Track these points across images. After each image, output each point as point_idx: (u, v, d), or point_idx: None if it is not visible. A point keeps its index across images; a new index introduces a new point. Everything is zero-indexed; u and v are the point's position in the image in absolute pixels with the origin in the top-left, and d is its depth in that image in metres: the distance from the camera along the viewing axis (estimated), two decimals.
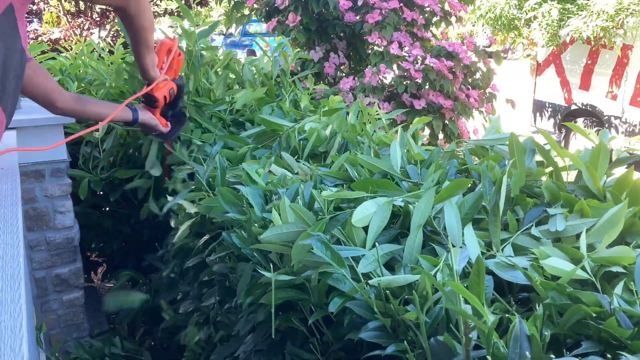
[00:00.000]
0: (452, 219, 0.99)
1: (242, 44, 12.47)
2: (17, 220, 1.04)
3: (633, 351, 0.72)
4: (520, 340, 0.70)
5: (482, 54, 3.34)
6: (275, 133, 1.78)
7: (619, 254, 0.88)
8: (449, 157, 1.38)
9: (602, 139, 1.15)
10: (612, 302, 0.78)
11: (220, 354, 1.38)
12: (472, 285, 0.78)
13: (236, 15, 3.82)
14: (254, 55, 2.60)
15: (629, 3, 5.15)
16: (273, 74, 2.26)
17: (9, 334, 0.71)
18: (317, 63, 3.41)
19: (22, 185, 1.50)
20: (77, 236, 2.23)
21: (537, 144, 1.21)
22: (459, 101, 3.18)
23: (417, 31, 3.38)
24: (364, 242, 1.00)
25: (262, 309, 1.13)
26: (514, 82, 8.79)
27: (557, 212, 1.02)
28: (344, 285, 0.92)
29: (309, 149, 1.62)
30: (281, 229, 1.04)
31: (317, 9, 3.35)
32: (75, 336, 2.26)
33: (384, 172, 1.30)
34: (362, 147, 1.59)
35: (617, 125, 5.84)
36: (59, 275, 2.20)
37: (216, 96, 2.08)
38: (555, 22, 5.80)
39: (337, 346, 1.00)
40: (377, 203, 1.04)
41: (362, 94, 3.17)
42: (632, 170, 1.07)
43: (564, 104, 6.46)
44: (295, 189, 1.23)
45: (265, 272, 1.01)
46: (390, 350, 0.82)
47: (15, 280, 0.83)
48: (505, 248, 0.97)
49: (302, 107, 2.12)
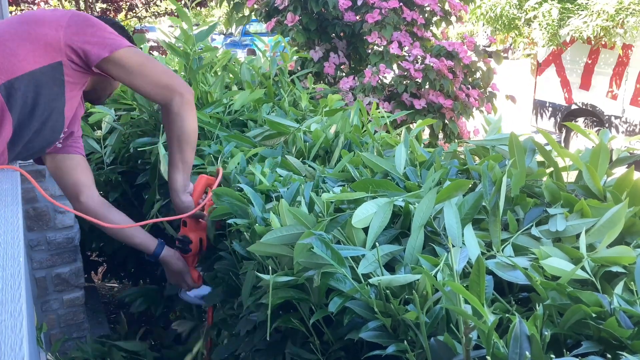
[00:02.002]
0: (452, 219, 0.99)
1: (242, 43, 12.47)
2: (18, 219, 1.04)
3: (633, 351, 0.72)
4: (520, 340, 0.70)
5: (482, 54, 3.34)
6: (280, 134, 1.77)
7: (619, 254, 0.88)
8: (450, 158, 1.38)
9: (602, 139, 1.15)
10: (612, 302, 0.78)
11: (221, 353, 1.38)
12: (472, 285, 0.78)
13: (236, 17, 3.82)
14: (254, 55, 2.60)
15: (629, 3, 5.15)
16: (271, 73, 2.26)
17: (9, 334, 0.71)
18: (317, 63, 3.41)
19: (22, 185, 1.50)
20: (77, 236, 2.23)
21: (537, 143, 1.21)
22: (459, 101, 3.18)
23: (417, 31, 3.38)
24: (364, 243, 1.00)
25: (263, 308, 1.13)
26: (514, 81, 8.79)
27: (557, 212, 1.02)
28: (344, 285, 0.92)
29: (315, 151, 1.61)
30: (281, 232, 1.04)
31: (316, 8, 3.35)
32: (76, 336, 2.26)
33: (385, 172, 1.30)
34: (366, 147, 1.59)
35: (618, 124, 5.84)
36: (60, 275, 2.20)
37: (213, 98, 2.08)
38: (556, 21, 5.80)
39: (337, 346, 1.00)
40: (377, 204, 1.04)
41: (362, 94, 3.17)
42: (633, 170, 1.07)
43: (564, 103, 6.46)
44: (296, 189, 1.23)
45: (264, 275, 1.01)
46: (391, 350, 0.82)
47: (16, 280, 0.83)
48: (506, 248, 0.97)
49: (303, 107, 2.12)
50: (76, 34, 1.36)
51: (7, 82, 1.32)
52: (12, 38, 1.34)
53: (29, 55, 1.34)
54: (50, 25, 1.35)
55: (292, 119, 1.93)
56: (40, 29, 1.35)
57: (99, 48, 1.36)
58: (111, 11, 7.42)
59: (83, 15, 1.41)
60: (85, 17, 1.40)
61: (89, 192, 1.57)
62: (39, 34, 1.34)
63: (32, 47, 1.34)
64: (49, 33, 1.34)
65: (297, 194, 1.22)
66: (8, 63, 1.32)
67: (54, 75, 1.37)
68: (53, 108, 1.41)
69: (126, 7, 7.66)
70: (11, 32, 1.35)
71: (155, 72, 1.44)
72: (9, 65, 1.32)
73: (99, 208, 1.57)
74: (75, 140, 1.59)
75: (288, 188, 1.27)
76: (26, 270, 1.30)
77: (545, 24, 5.86)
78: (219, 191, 1.38)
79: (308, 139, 1.72)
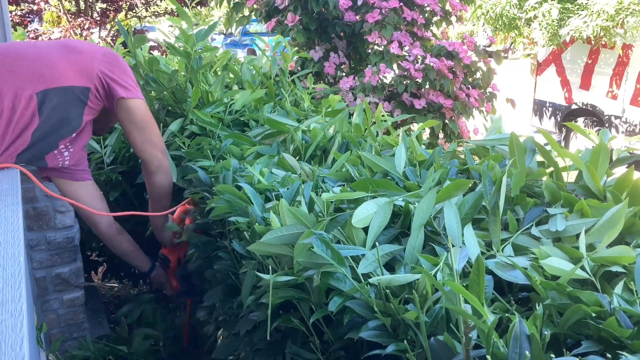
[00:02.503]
0: (452, 219, 0.99)
1: (243, 43, 12.47)
2: (18, 219, 1.04)
3: (633, 351, 0.72)
4: (520, 339, 0.70)
5: (483, 54, 3.34)
6: (281, 133, 1.77)
7: (618, 254, 0.88)
8: (450, 157, 1.38)
9: (602, 139, 1.15)
10: (612, 302, 0.78)
11: (221, 353, 1.38)
12: (472, 285, 0.78)
13: (236, 17, 3.82)
14: (255, 54, 2.60)
15: (629, 3, 5.15)
16: (272, 73, 2.25)
17: (9, 333, 0.71)
18: (317, 63, 3.41)
19: (22, 185, 1.50)
20: (77, 236, 2.23)
21: (537, 143, 1.21)
22: (459, 101, 3.18)
23: (417, 31, 3.38)
24: (364, 243, 1.00)
25: (263, 308, 1.13)
26: (514, 81, 8.78)
27: (557, 212, 1.02)
28: (344, 285, 0.92)
29: (312, 150, 1.61)
30: (281, 231, 1.04)
31: (317, 8, 3.35)
32: (76, 336, 2.26)
33: (385, 171, 1.30)
34: (363, 146, 1.59)
35: (618, 124, 5.84)
36: (60, 275, 2.20)
37: (214, 97, 2.07)
38: (556, 21, 5.79)
39: (337, 345, 1.00)
40: (377, 203, 1.04)
41: (362, 94, 3.17)
42: (632, 170, 1.08)
43: (564, 103, 6.46)
44: (296, 189, 1.23)
45: (264, 275, 1.01)
46: (391, 349, 0.82)
47: (16, 280, 0.83)
48: (505, 248, 0.97)
49: (305, 107, 2.12)
50: (108, 69, 1.57)
51: (45, 90, 1.48)
52: (54, 55, 1.53)
53: (68, 72, 1.52)
54: (87, 54, 1.57)
55: (294, 119, 1.93)
56: (78, 55, 1.56)
57: (122, 89, 1.59)
58: (111, 11, 7.42)
59: (115, 54, 1.63)
60: (116, 56, 1.62)
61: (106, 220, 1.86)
62: (77, 59, 1.55)
63: (71, 68, 1.53)
64: (85, 60, 1.55)
65: (297, 194, 1.22)
66: (49, 74, 1.49)
67: (80, 98, 1.56)
68: (68, 124, 1.59)
69: (126, 7, 7.66)
70: (53, 50, 1.55)
71: (152, 132, 1.69)
72: (50, 75, 1.49)
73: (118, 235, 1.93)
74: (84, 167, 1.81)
75: (288, 188, 1.27)
76: (26, 270, 1.30)
77: (545, 23, 5.85)
78: (220, 188, 1.38)
79: (308, 139, 1.72)
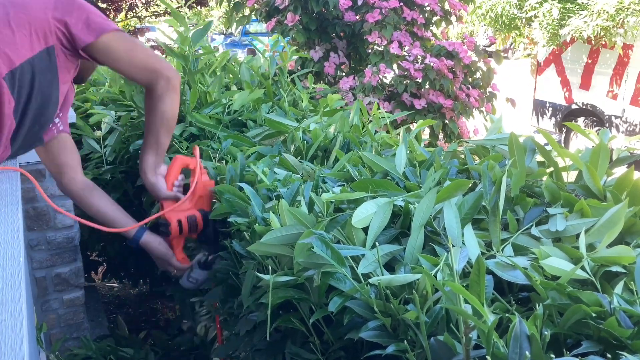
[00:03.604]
0: (452, 219, 0.99)
1: (242, 43, 12.47)
2: (18, 219, 1.05)
3: (633, 351, 0.72)
4: (520, 340, 0.70)
5: (483, 54, 3.34)
6: (280, 133, 1.77)
7: (619, 254, 0.88)
8: (450, 157, 1.38)
9: (602, 139, 1.15)
10: (612, 302, 0.78)
11: (220, 352, 1.38)
12: (472, 285, 0.78)
13: (236, 17, 3.82)
14: (254, 54, 2.60)
15: (629, 3, 5.15)
16: (270, 73, 2.25)
17: (9, 333, 0.71)
18: (317, 63, 3.41)
19: (22, 185, 1.50)
20: (77, 235, 2.23)
21: (537, 143, 1.21)
22: (459, 101, 3.18)
23: (417, 30, 3.38)
24: (363, 243, 1.00)
25: (263, 308, 1.13)
26: (514, 81, 8.79)
27: (557, 212, 1.02)
28: (344, 285, 0.92)
29: (313, 150, 1.61)
30: (281, 232, 1.04)
31: (317, 8, 3.35)
32: (76, 336, 2.26)
33: (385, 172, 1.30)
34: (364, 146, 1.59)
35: (618, 124, 5.84)
36: (60, 275, 2.20)
37: (212, 98, 2.07)
38: (556, 21, 5.80)
39: (337, 346, 1.00)
40: (377, 203, 1.04)
41: (362, 94, 3.17)
42: (633, 169, 1.07)
43: (564, 103, 6.46)
44: (296, 188, 1.23)
45: (263, 275, 1.01)
46: (391, 349, 0.82)
47: (16, 280, 0.83)
48: (505, 248, 0.97)
49: (303, 107, 2.12)
50: (63, 15, 1.30)
51: (9, 72, 1.26)
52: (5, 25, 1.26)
53: (26, 41, 1.27)
54: (37, 8, 1.29)
55: (292, 118, 1.93)
56: (29, 13, 1.28)
57: (85, 32, 1.31)
58: (111, 11, 7.41)
59: None
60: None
61: (72, 174, 1.56)
62: (30, 19, 1.27)
63: (27, 33, 1.27)
64: (38, 16, 1.28)
65: (297, 194, 1.23)
66: (9, 51, 1.25)
67: (49, 61, 1.32)
68: (47, 96, 1.37)
69: (126, 7, 7.66)
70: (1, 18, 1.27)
71: (142, 56, 1.41)
72: (10, 53, 1.25)
73: (81, 192, 1.57)
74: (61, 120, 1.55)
75: (288, 188, 1.27)
76: (26, 270, 1.30)
77: (546, 23, 5.86)
78: (220, 188, 1.38)
79: (307, 139, 1.72)
